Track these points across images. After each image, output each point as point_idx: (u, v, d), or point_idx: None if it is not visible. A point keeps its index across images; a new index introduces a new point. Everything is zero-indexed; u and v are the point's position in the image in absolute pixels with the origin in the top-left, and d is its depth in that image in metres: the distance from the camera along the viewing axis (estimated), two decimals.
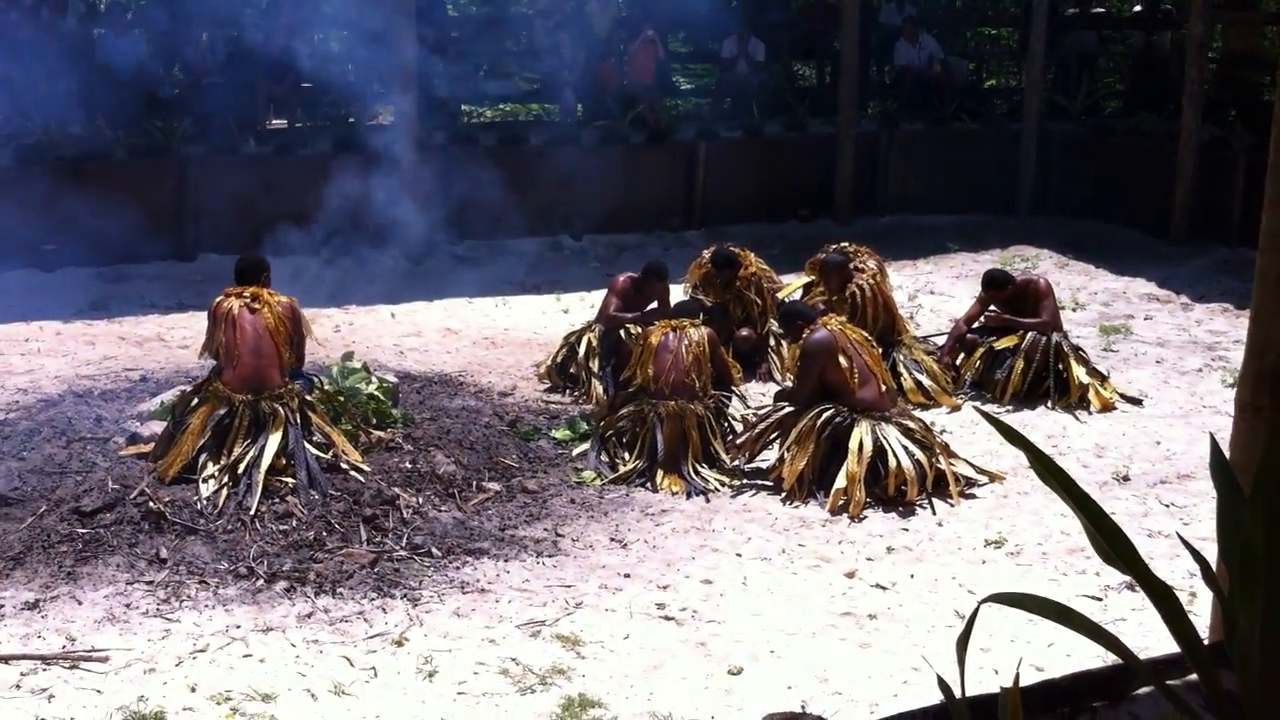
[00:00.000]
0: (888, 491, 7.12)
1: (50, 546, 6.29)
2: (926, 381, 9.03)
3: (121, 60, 13.20)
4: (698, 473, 7.46)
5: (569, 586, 6.12)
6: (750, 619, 5.81)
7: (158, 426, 7.47)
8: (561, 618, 5.79)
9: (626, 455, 7.65)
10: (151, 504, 6.57)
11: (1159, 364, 9.90)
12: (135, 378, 9.29)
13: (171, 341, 10.32)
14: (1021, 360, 8.96)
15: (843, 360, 7.46)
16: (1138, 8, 18.32)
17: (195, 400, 7.25)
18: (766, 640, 5.61)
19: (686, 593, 6.08)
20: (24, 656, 5.34)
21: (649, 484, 7.40)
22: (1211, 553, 2.77)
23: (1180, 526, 6.81)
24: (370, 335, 10.72)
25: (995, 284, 9.34)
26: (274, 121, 14.67)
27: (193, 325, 10.23)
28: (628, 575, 6.25)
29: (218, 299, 7.47)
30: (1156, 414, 8.78)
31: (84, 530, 6.42)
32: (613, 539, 6.68)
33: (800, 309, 8.27)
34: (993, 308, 9.33)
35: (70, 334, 10.53)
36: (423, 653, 5.43)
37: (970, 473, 7.49)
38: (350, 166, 13.17)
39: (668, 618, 5.83)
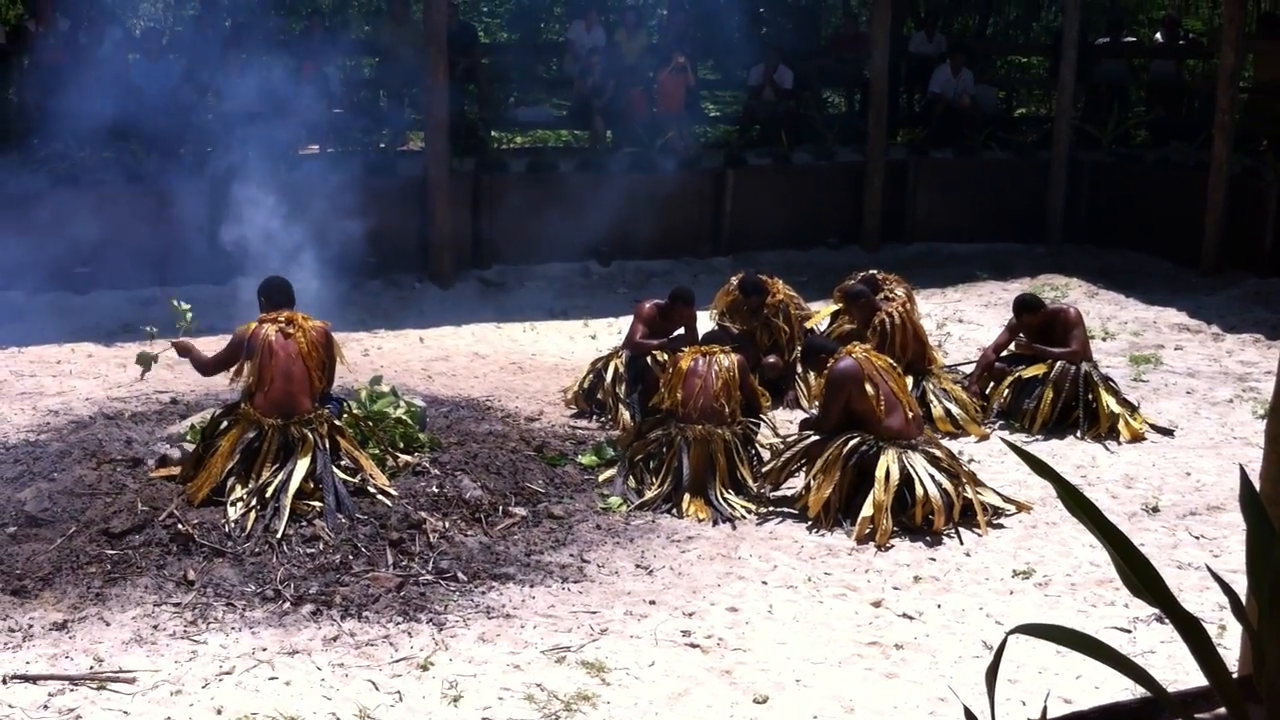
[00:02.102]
0: (915, 520, 7.10)
1: (79, 567, 6.32)
2: (955, 410, 9.00)
3: (155, 85, 13.32)
4: (724, 499, 7.45)
5: (594, 613, 6.11)
6: (776, 647, 5.79)
7: (188, 449, 7.50)
8: (586, 644, 5.78)
9: (653, 481, 7.65)
10: (180, 526, 6.60)
11: (1189, 394, 9.84)
12: (165, 400, 9.35)
13: None
14: (1050, 390, 8.93)
15: (869, 388, 7.44)
16: (1158, 36, 18.31)
17: (224, 423, 7.29)
18: (792, 669, 5.59)
19: (712, 620, 6.06)
20: (51, 677, 5.36)
21: (675, 510, 7.40)
22: (1241, 585, 2.75)
23: (1210, 559, 6.76)
24: (399, 359, 10.77)
25: (1028, 308, 9.30)
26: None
27: (222, 348, 10.28)
28: (653, 602, 6.23)
29: (251, 325, 7.48)
30: (1187, 445, 8.72)
31: (113, 551, 6.45)
32: (638, 565, 6.67)
33: (821, 344, 8.26)
34: (1021, 337, 9.30)
35: (102, 356, 10.61)
36: (448, 677, 5.43)
37: (998, 502, 7.45)
38: (381, 192, 13.27)
39: (693, 645, 5.81)
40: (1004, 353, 9.45)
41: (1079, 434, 8.83)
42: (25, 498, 6.95)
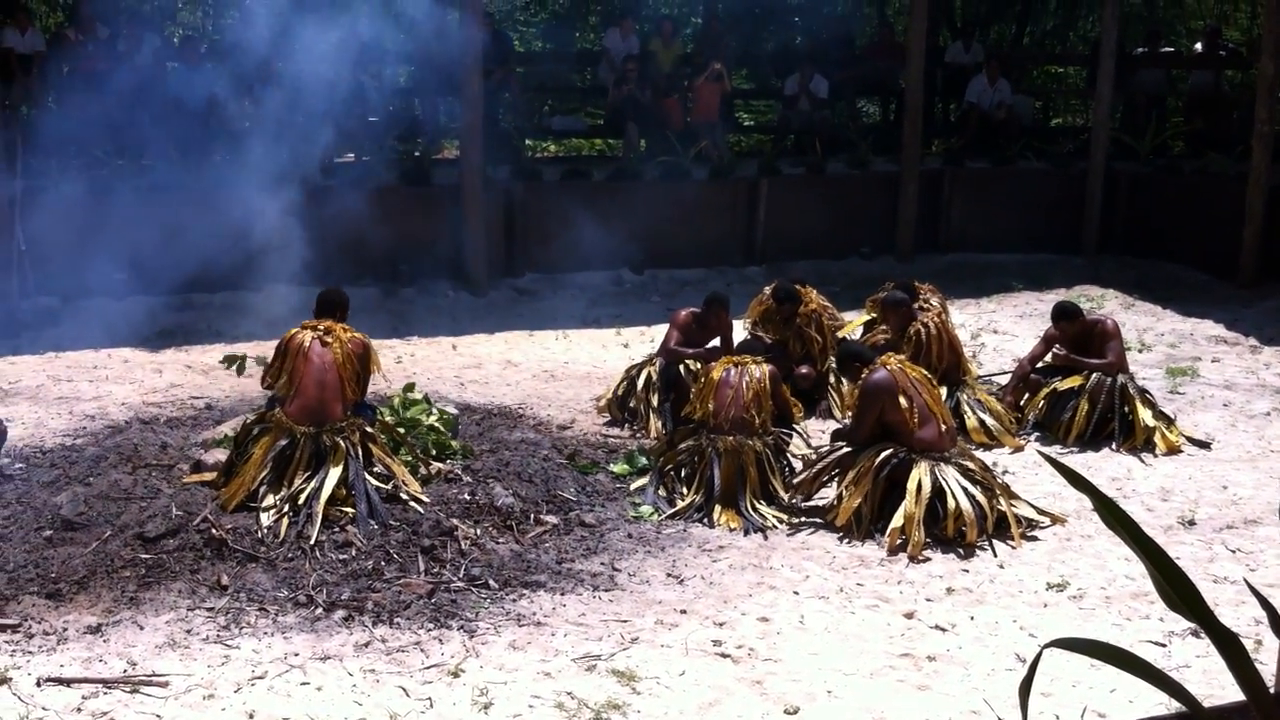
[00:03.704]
0: (946, 533, 7.06)
1: (114, 571, 6.36)
2: (990, 421, 8.95)
3: (193, 93, 13.42)
4: (755, 509, 7.42)
5: (625, 621, 6.10)
6: (807, 658, 5.77)
7: (222, 454, 7.55)
8: (617, 652, 5.77)
9: (685, 490, 7.64)
10: (214, 531, 6.64)
11: (1226, 407, 9.76)
12: (201, 405, 9.42)
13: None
14: (1086, 401, 8.87)
15: (903, 400, 7.40)
16: (1198, 46, 18.19)
17: (257, 430, 7.33)
18: (823, 680, 5.56)
19: (743, 630, 6.04)
20: (85, 680, 5.39)
21: (706, 520, 7.38)
22: (1278, 599, 2.73)
23: (1246, 573, 6.70)
24: (431, 366, 10.80)
25: (1067, 315, 9.22)
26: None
27: (257, 354, 10.35)
28: (684, 611, 6.22)
29: (292, 331, 7.56)
30: (1223, 458, 8.65)
31: (147, 556, 6.49)
32: (669, 574, 6.66)
33: (857, 350, 8.19)
34: (1058, 348, 9.23)
35: (138, 361, 10.70)
36: (478, 684, 5.43)
37: (1032, 514, 7.40)
38: (415, 200, 13.33)
39: (724, 655, 5.79)
40: (1039, 364, 9.39)
41: (1114, 446, 8.76)
42: (61, 501, 7.00)
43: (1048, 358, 9.35)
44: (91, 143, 12.61)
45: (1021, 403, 9.35)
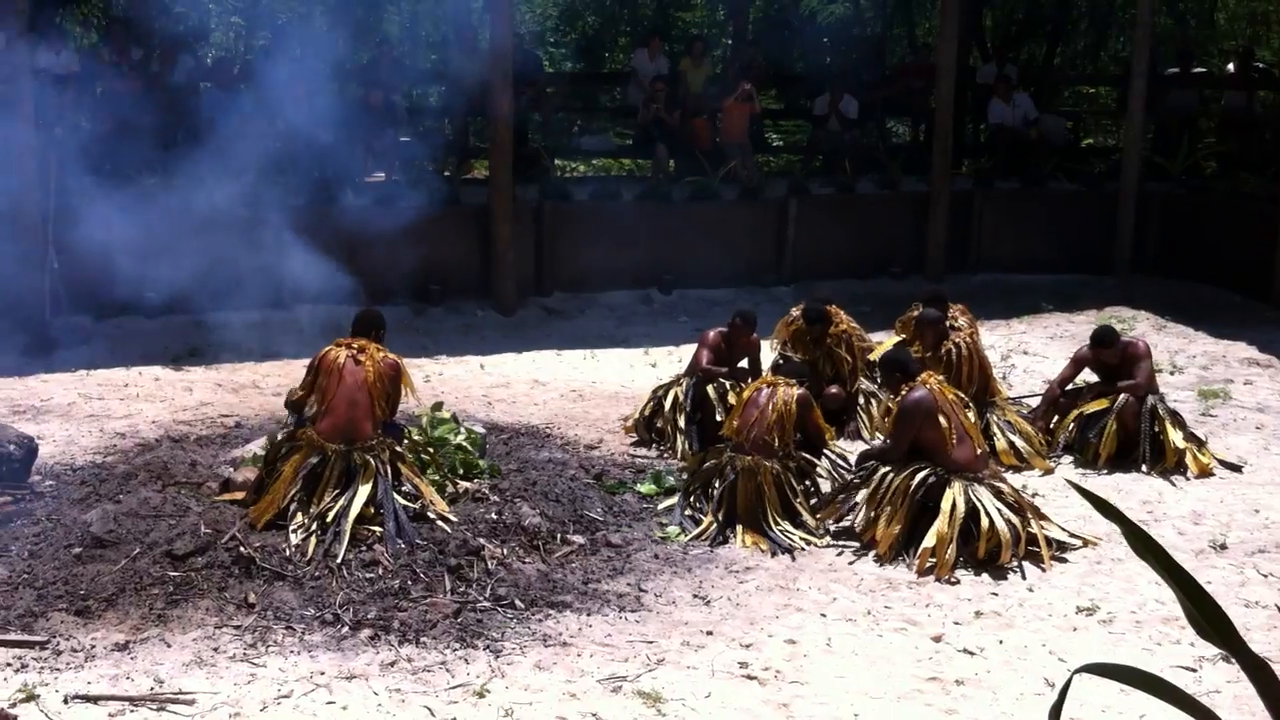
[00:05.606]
0: (978, 554, 7.01)
1: (142, 589, 6.38)
2: (1020, 443, 8.90)
3: (226, 114, 13.50)
4: (780, 530, 7.38)
5: (651, 642, 6.08)
6: (834, 681, 5.74)
7: (251, 473, 7.57)
8: (643, 674, 5.75)
9: (709, 511, 7.61)
10: (242, 549, 6.65)
11: (1259, 430, 9.68)
12: (230, 424, 9.45)
13: (266, 389, 10.49)
14: (1115, 423, 8.80)
15: (941, 420, 7.35)
16: (1231, 67, 18.09)
17: (286, 448, 7.35)
18: (850, 703, 5.53)
19: (770, 652, 6.01)
20: (112, 698, 5.41)
21: (720, 539, 7.33)
22: None
23: (1278, 597, 6.63)
24: (459, 385, 10.82)
25: (1103, 341, 9.15)
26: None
27: (287, 373, 10.41)
28: (710, 633, 6.20)
29: (326, 349, 7.59)
30: (1256, 481, 8.57)
31: (175, 574, 6.51)
32: (696, 595, 6.64)
33: (905, 360, 8.01)
34: (1087, 379, 9.14)
35: (168, 380, 10.75)
36: (504, 705, 5.42)
37: (1062, 537, 7.35)
38: (445, 219, 13.37)
39: (750, 677, 5.77)
40: (1068, 386, 9.34)
41: (1145, 469, 8.69)
42: (91, 519, 7.03)
43: (1078, 379, 9.29)
44: (124, 162, 12.70)
45: (1051, 425, 9.29)
